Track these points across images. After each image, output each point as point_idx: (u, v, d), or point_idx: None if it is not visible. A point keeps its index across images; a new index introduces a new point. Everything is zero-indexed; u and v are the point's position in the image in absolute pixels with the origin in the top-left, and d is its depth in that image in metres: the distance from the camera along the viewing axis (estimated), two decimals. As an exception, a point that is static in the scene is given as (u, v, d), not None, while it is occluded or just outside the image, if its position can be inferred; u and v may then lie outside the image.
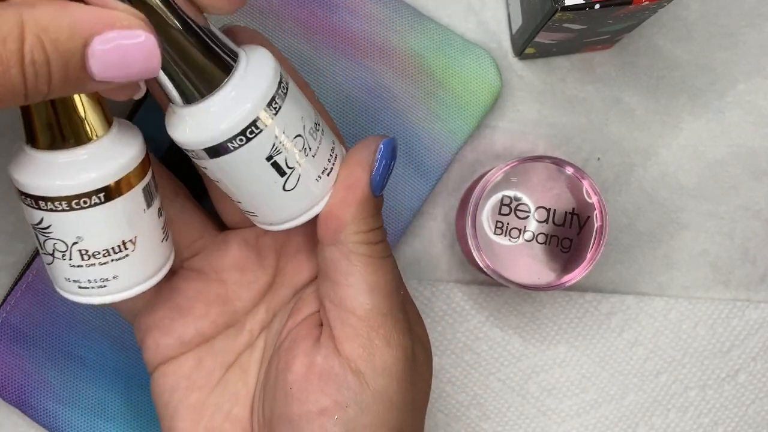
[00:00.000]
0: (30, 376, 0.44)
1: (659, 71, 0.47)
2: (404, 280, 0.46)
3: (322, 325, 0.35)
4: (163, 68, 0.30)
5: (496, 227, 0.42)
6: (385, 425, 0.33)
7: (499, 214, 0.42)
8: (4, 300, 0.44)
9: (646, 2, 0.37)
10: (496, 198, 0.42)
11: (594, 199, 0.42)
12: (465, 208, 0.43)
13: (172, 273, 0.38)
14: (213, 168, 0.32)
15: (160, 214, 0.34)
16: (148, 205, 0.33)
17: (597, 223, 0.42)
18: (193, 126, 0.31)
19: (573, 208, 0.42)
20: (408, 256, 0.46)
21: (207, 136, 0.31)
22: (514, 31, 0.45)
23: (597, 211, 0.42)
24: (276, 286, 0.38)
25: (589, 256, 0.42)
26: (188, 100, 0.31)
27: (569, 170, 0.42)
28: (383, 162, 0.34)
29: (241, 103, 0.31)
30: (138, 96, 0.31)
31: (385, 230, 0.35)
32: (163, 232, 0.34)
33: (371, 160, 0.34)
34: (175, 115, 0.32)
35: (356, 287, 0.33)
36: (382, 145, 0.34)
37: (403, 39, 0.44)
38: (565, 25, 0.39)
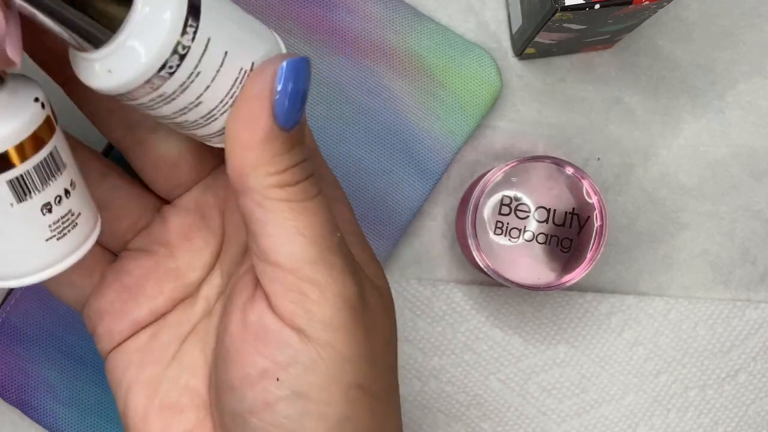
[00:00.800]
0: (30, 376, 0.44)
1: (659, 71, 0.47)
2: (404, 280, 0.46)
3: (255, 279, 0.32)
4: (74, 25, 0.27)
5: (496, 227, 0.42)
6: (338, 381, 0.30)
7: (499, 214, 0.42)
8: (4, 300, 0.44)
9: (646, 2, 0.37)
10: (496, 198, 0.42)
11: (594, 199, 0.42)
12: (465, 208, 0.43)
13: (117, 256, 0.35)
14: (206, 52, 0.28)
15: (48, 210, 0.30)
16: (20, 200, 0.29)
17: (597, 223, 0.42)
18: (155, 30, 0.27)
19: (573, 208, 0.42)
20: (408, 256, 0.46)
21: (177, 14, 0.27)
22: (514, 31, 0.45)
23: (597, 211, 0.42)
24: (225, 246, 0.35)
25: (589, 256, 0.42)
26: (113, 29, 0.27)
27: (569, 170, 0.42)
28: (287, 88, 0.28)
29: None
30: (14, 67, 0.26)
31: (308, 164, 0.30)
32: (52, 230, 0.30)
33: (271, 88, 0.28)
34: (113, 55, 0.27)
35: (276, 237, 0.29)
36: (282, 67, 0.28)
37: (403, 39, 0.44)
38: (565, 25, 0.39)
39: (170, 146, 0.34)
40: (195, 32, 0.27)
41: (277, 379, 0.30)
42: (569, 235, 0.42)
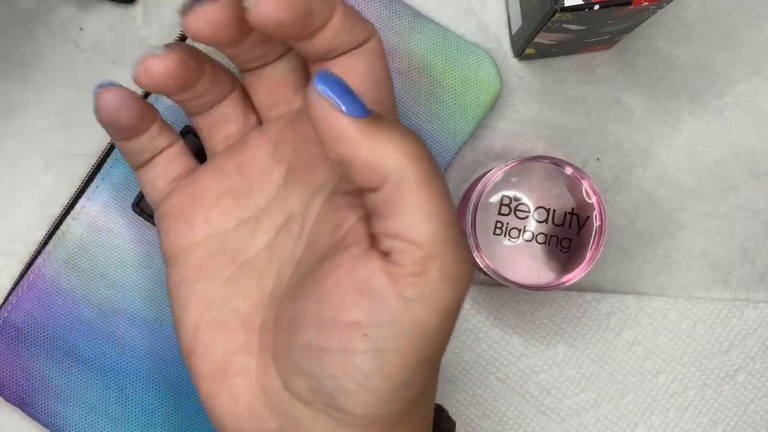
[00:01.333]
0: (31, 376, 0.44)
1: (659, 72, 0.47)
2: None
3: (370, 234, 0.33)
4: None
5: (496, 227, 0.42)
6: (416, 353, 0.32)
7: (499, 214, 0.42)
8: (5, 300, 0.44)
9: (646, 2, 0.37)
10: (496, 198, 0.42)
11: (593, 199, 0.42)
12: (465, 208, 0.43)
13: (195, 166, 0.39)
14: None
15: None
16: None
17: (596, 223, 0.42)
18: None
19: (572, 208, 0.43)
20: (408, 255, 0.46)
21: None
22: (513, 31, 0.45)
23: (596, 211, 0.42)
24: (292, 183, 0.37)
25: (588, 256, 0.42)
26: None
27: (569, 170, 0.42)
28: (333, 89, 0.31)
29: None
30: None
31: (420, 141, 0.32)
32: None
33: (326, 101, 0.31)
34: None
35: (412, 217, 0.31)
36: (316, 79, 0.31)
37: (402, 39, 0.44)
38: (565, 25, 0.39)
39: (279, 69, 0.37)
40: None
41: (365, 335, 0.31)
42: (569, 235, 0.43)
